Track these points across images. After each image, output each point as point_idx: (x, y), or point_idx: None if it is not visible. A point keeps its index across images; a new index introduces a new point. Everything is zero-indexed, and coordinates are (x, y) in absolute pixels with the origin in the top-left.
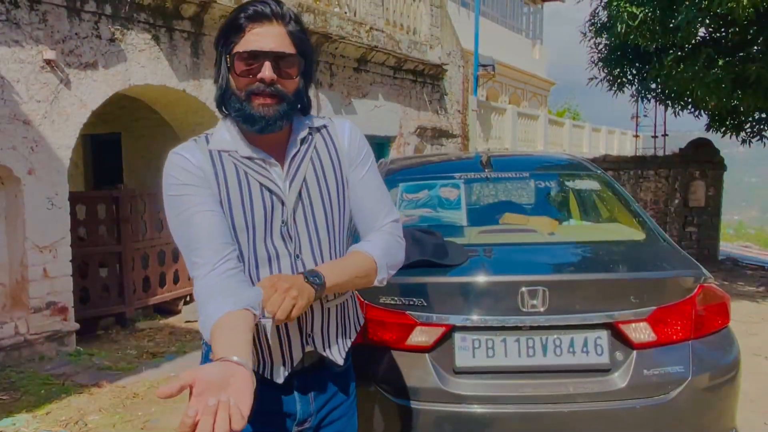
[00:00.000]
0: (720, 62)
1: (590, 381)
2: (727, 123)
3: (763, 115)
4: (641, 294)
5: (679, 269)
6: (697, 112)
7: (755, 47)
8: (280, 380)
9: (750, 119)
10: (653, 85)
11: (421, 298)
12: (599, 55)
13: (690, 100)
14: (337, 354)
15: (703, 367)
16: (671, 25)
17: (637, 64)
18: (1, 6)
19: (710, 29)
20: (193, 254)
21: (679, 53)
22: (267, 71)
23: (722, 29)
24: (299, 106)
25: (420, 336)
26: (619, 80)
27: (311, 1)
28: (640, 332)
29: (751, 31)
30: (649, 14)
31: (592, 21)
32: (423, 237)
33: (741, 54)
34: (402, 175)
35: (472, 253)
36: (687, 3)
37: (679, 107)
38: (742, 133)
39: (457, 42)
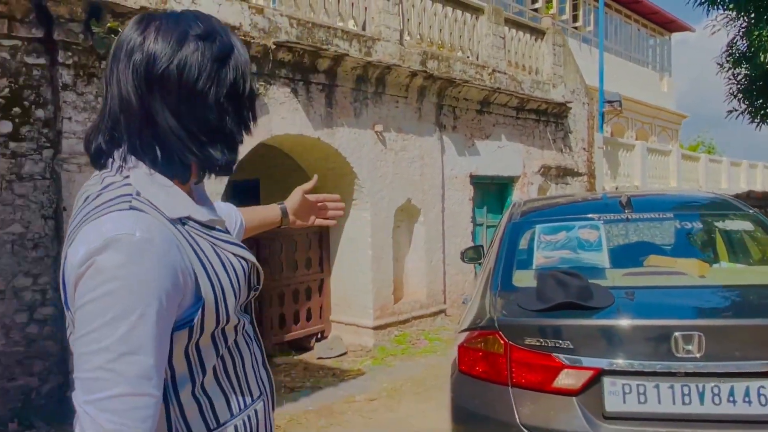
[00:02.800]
0: None
1: None
2: None
3: None
4: None
5: None
6: None
7: None
8: None
9: None
10: None
11: (568, 340)
12: (738, 86)
13: None
14: None
15: None
16: None
17: None
18: None
19: None
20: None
21: None
22: None
23: None
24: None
25: (567, 379)
26: (762, 111)
27: (435, 48)
28: None
29: None
30: None
31: (730, 51)
32: (566, 279)
33: None
34: (537, 217)
35: (618, 296)
36: None
37: None
38: None
39: (580, 79)
